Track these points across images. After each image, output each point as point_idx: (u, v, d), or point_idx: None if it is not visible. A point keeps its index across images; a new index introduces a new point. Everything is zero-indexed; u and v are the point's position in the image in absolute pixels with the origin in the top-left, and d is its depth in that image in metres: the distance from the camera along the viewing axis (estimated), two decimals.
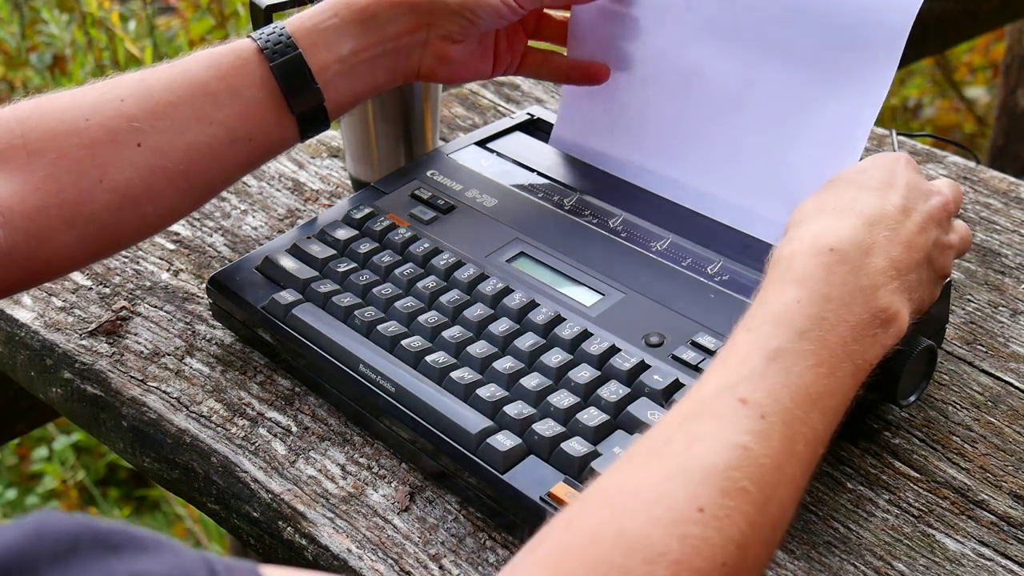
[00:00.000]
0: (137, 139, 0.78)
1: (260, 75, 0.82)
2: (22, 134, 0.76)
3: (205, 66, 0.81)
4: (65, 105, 0.78)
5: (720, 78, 0.88)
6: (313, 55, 0.83)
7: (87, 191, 0.77)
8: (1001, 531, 0.72)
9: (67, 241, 0.77)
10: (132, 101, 0.79)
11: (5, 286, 0.77)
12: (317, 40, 0.83)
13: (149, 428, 0.83)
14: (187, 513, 2.35)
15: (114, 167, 0.78)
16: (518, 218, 0.90)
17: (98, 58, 2.45)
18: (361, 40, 0.84)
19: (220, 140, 0.81)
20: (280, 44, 0.82)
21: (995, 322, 0.88)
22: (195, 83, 0.80)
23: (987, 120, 3.24)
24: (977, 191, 1.03)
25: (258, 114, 0.82)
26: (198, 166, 0.81)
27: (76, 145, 0.77)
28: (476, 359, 0.78)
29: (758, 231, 0.86)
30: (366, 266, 0.87)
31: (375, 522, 0.74)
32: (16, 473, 2.55)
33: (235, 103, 0.81)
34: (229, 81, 0.81)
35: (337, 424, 0.81)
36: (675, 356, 0.77)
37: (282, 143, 0.85)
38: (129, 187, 0.78)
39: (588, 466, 0.70)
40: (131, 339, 0.90)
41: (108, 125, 0.78)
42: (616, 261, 0.85)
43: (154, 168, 0.79)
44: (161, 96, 0.80)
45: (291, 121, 0.84)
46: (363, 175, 1.02)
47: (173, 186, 0.80)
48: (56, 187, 0.76)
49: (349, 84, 0.85)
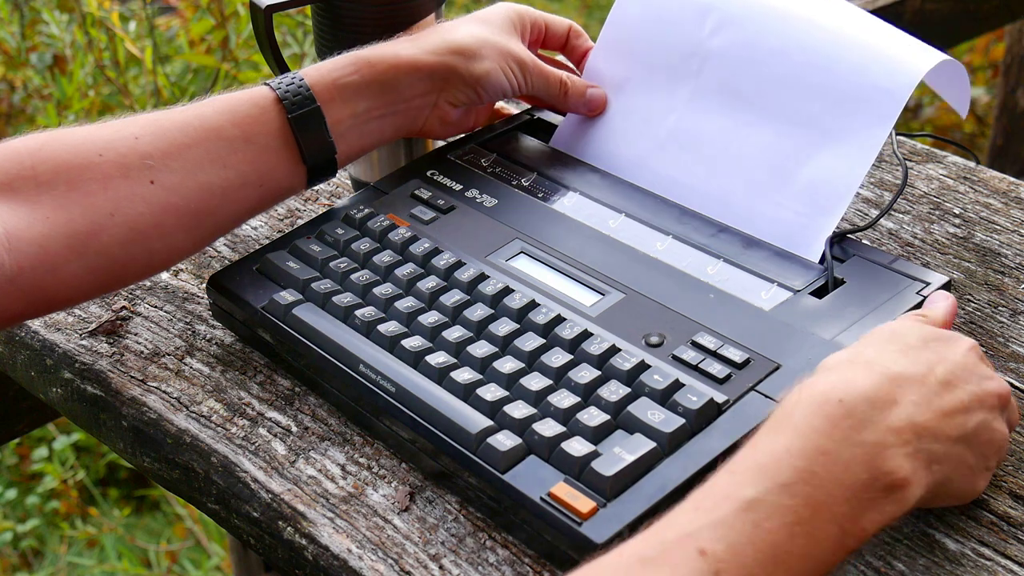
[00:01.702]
0: (150, 176, 0.79)
1: (277, 124, 0.84)
2: (32, 166, 0.77)
3: (221, 111, 0.83)
4: (79, 139, 0.79)
5: (717, 129, 0.90)
6: (330, 109, 0.85)
7: (98, 223, 0.78)
8: (1001, 531, 0.72)
9: (75, 271, 0.77)
10: (147, 140, 0.80)
11: (9, 314, 0.77)
12: (335, 95, 0.85)
13: (149, 428, 0.83)
14: (187, 513, 2.35)
15: (126, 202, 0.78)
16: (518, 218, 0.90)
17: (98, 58, 2.45)
18: (377, 100, 0.87)
19: (232, 183, 0.82)
20: (299, 96, 0.84)
21: (995, 322, 0.88)
22: (210, 127, 0.82)
23: (987, 120, 3.24)
24: (977, 191, 1.03)
25: (270, 161, 0.84)
26: (208, 206, 0.82)
27: (88, 179, 0.78)
28: (476, 359, 0.78)
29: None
30: (366, 266, 0.87)
31: (375, 522, 0.74)
32: (16, 473, 2.55)
33: (249, 149, 0.83)
34: (244, 128, 0.83)
35: (337, 424, 0.81)
36: (675, 356, 0.77)
37: (289, 190, 0.87)
38: (139, 222, 0.79)
39: (588, 466, 0.70)
40: (131, 339, 0.90)
41: (121, 161, 0.79)
42: (616, 261, 0.85)
43: (166, 205, 0.80)
44: (175, 137, 0.81)
45: (301, 170, 0.86)
46: (363, 175, 1.02)
47: (182, 224, 0.81)
48: (66, 218, 0.76)
49: (359, 138, 0.88)
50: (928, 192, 1.03)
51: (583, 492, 0.69)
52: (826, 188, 0.85)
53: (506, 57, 0.92)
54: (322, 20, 0.96)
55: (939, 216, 1.00)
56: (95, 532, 2.37)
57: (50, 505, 2.45)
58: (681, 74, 0.94)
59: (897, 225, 0.99)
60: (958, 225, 0.99)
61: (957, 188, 1.04)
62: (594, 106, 0.97)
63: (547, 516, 0.68)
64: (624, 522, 0.67)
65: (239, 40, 2.36)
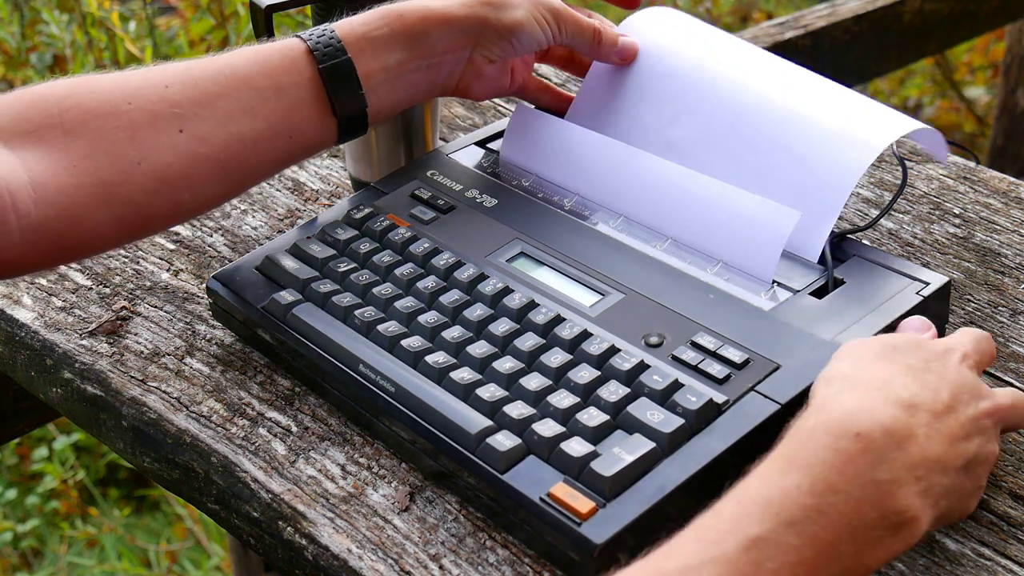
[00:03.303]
0: (179, 125, 0.78)
1: (308, 75, 0.82)
2: (59, 113, 0.76)
3: (252, 61, 0.82)
4: (107, 87, 0.78)
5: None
6: (361, 61, 0.84)
7: (125, 172, 0.77)
8: (1001, 531, 0.72)
9: (101, 220, 0.77)
10: (177, 88, 0.79)
11: (35, 261, 0.77)
12: (366, 48, 0.84)
13: (149, 428, 0.83)
14: (187, 513, 2.35)
15: (154, 151, 0.78)
16: (518, 218, 0.90)
17: (98, 58, 2.45)
18: (408, 53, 0.85)
19: (261, 134, 0.81)
20: (330, 47, 0.83)
21: (995, 322, 0.88)
22: (240, 77, 0.81)
23: (987, 120, 3.24)
24: (977, 191, 1.03)
25: (301, 113, 0.83)
26: (237, 157, 0.81)
27: (116, 127, 0.77)
28: (476, 359, 0.78)
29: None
30: (366, 266, 0.87)
31: (375, 522, 0.74)
32: (16, 473, 2.55)
33: (280, 99, 0.82)
34: (276, 78, 0.82)
35: (337, 424, 0.81)
36: (675, 356, 0.77)
37: (320, 143, 0.86)
38: (167, 171, 0.78)
39: (588, 466, 0.70)
40: (131, 339, 0.90)
41: (150, 109, 0.78)
42: (616, 261, 0.85)
43: (194, 155, 0.79)
44: (206, 86, 0.80)
45: (332, 123, 0.84)
46: (363, 175, 1.02)
47: (211, 174, 0.80)
48: (93, 166, 0.76)
49: (390, 93, 0.86)
50: (928, 192, 1.03)
51: (582, 492, 0.69)
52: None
53: (538, 5, 0.89)
54: (322, 20, 0.96)
55: (939, 216, 1.00)
56: (95, 532, 2.37)
57: (50, 505, 2.45)
58: (652, 139, 0.93)
59: (897, 225, 0.99)
60: (958, 225, 0.99)
61: (957, 188, 1.04)
62: (626, 54, 0.95)
63: (546, 516, 0.68)
64: (623, 522, 0.67)
65: (239, 40, 2.36)
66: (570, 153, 0.93)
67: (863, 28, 1.97)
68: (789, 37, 1.88)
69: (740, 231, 0.84)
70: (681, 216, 0.87)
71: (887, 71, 2.38)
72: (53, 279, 0.96)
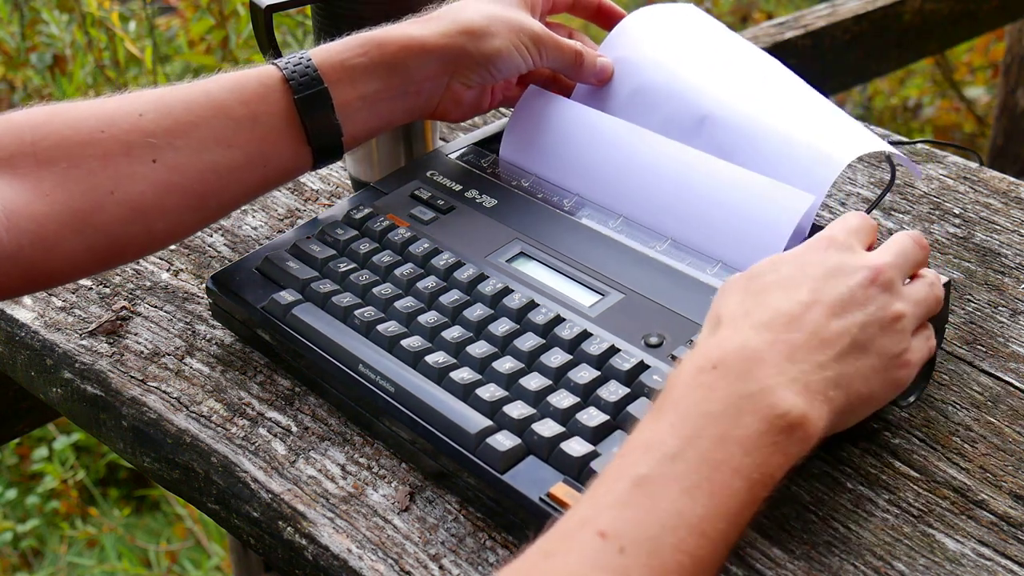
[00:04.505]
0: (153, 155, 0.78)
1: (283, 105, 0.83)
2: (32, 142, 0.76)
3: (228, 89, 0.82)
4: (81, 115, 0.78)
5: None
6: (337, 90, 0.84)
7: (97, 202, 0.77)
8: (1001, 531, 0.72)
9: (74, 248, 0.77)
10: (151, 117, 0.79)
11: (8, 289, 0.77)
12: (343, 77, 0.84)
13: (149, 428, 0.83)
14: (187, 513, 2.35)
15: (127, 180, 0.78)
16: (518, 218, 0.90)
17: (98, 58, 2.45)
18: (386, 82, 0.86)
19: (236, 163, 0.81)
20: (306, 77, 0.83)
21: (995, 322, 0.88)
22: (216, 105, 0.81)
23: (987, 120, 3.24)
24: (977, 191, 1.03)
25: (276, 142, 0.83)
26: (212, 186, 0.81)
27: (89, 156, 0.77)
28: (476, 359, 0.78)
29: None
30: (366, 266, 0.87)
31: (375, 522, 0.74)
32: (16, 473, 2.55)
33: (255, 129, 0.82)
34: (252, 107, 0.82)
35: (337, 424, 0.81)
36: (675, 356, 0.77)
37: (295, 171, 0.86)
38: (141, 201, 0.78)
39: (587, 466, 0.70)
40: (131, 339, 0.90)
41: (124, 139, 0.78)
42: (616, 261, 0.85)
43: (168, 185, 0.79)
44: (180, 115, 0.80)
45: (307, 151, 0.85)
46: (363, 175, 1.02)
47: (185, 203, 0.80)
48: (66, 195, 0.76)
49: (366, 121, 0.87)
50: (928, 192, 1.03)
51: (583, 492, 0.69)
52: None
53: (518, 33, 0.90)
54: (322, 20, 0.96)
55: (939, 216, 1.00)
56: (95, 532, 2.37)
57: (50, 505, 2.45)
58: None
59: (897, 225, 0.99)
60: (958, 225, 0.99)
61: (957, 188, 1.04)
62: (604, 76, 0.96)
63: (546, 516, 0.68)
64: None
65: (239, 40, 2.36)
66: (577, 132, 0.93)
67: (863, 28, 1.97)
68: (789, 37, 1.88)
69: (749, 213, 0.84)
70: (688, 201, 0.87)
71: (887, 71, 2.38)
72: None
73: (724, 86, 0.92)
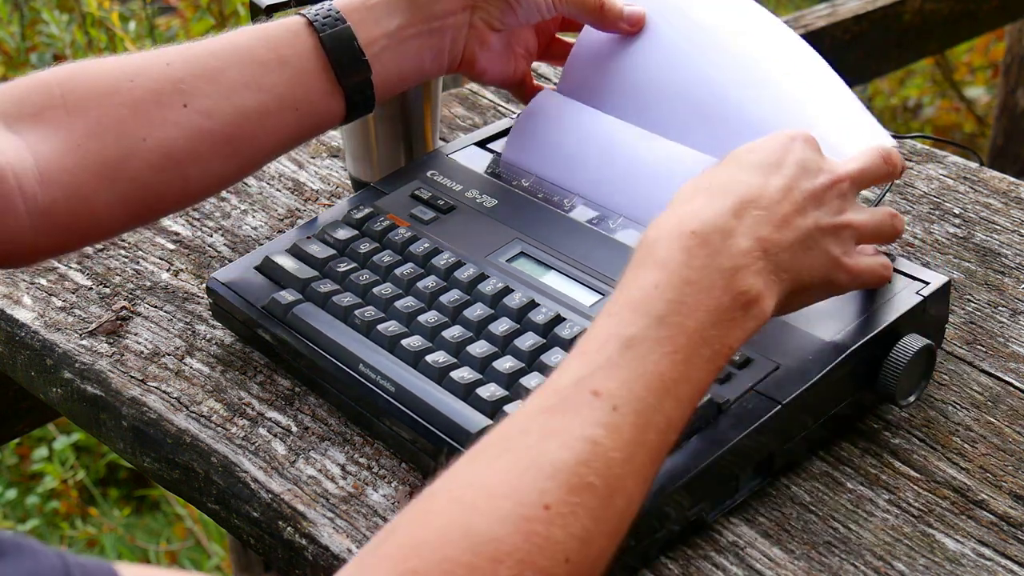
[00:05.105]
0: (183, 100, 0.79)
1: (310, 46, 0.83)
2: (62, 95, 0.76)
3: (253, 36, 0.82)
4: (109, 67, 0.79)
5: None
6: (361, 29, 0.84)
7: (129, 149, 0.77)
8: (1001, 531, 0.72)
9: (108, 200, 0.77)
10: (178, 65, 0.80)
11: (47, 246, 0.77)
12: (365, 16, 0.84)
13: (149, 428, 0.83)
14: (187, 513, 2.35)
15: (158, 126, 0.78)
16: (518, 218, 0.90)
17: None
18: (408, 17, 0.86)
19: (267, 106, 0.81)
20: (329, 18, 0.83)
21: (995, 322, 0.88)
22: (243, 51, 0.81)
23: (987, 120, 3.24)
24: (977, 191, 1.03)
25: (307, 83, 0.83)
26: (244, 131, 0.81)
27: (119, 104, 0.77)
28: (476, 359, 0.78)
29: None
30: (366, 266, 0.87)
31: (375, 522, 0.74)
32: (16, 473, 2.55)
33: (284, 71, 0.82)
34: (279, 51, 0.82)
35: (337, 424, 0.81)
36: None
37: (329, 116, 0.86)
38: (173, 147, 0.78)
39: None
40: (131, 339, 0.90)
41: (153, 87, 0.78)
42: (616, 261, 0.85)
43: (200, 130, 0.79)
44: (208, 61, 0.80)
45: (339, 94, 0.84)
46: (363, 175, 1.02)
47: (218, 150, 0.80)
48: (98, 145, 0.76)
49: (396, 61, 0.86)
50: (928, 192, 1.03)
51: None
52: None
53: None
54: None
55: (939, 216, 1.00)
56: (95, 532, 2.37)
57: (50, 505, 2.45)
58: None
59: None
60: (958, 225, 0.99)
61: (957, 188, 1.04)
62: (634, 21, 0.93)
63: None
64: None
65: None
66: (585, 136, 0.93)
67: (863, 28, 1.97)
68: None
69: None
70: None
71: (887, 71, 2.38)
72: (53, 279, 0.96)
73: (731, 73, 0.90)
